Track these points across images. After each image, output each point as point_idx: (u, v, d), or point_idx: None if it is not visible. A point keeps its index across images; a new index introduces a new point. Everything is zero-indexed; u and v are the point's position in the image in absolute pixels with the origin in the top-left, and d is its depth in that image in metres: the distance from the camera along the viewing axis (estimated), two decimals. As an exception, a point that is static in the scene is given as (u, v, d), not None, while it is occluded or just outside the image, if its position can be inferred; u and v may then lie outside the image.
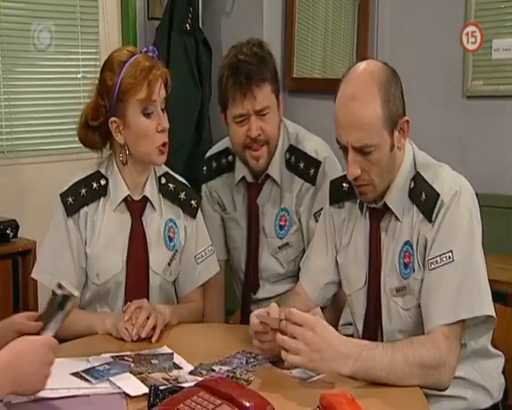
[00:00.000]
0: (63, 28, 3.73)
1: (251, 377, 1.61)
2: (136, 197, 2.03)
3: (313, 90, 3.62)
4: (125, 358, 1.71)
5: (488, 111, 3.20)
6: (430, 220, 1.69)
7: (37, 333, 1.48)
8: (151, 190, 2.05)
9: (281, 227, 2.25)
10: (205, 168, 2.38)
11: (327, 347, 1.55)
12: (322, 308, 2.06)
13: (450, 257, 1.64)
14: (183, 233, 2.09)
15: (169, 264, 2.06)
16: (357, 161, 1.69)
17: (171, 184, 2.09)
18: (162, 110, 1.97)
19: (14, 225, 3.16)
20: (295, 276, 2.18)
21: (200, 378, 1.56)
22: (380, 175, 1.72)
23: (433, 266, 1.67)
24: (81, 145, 2.07)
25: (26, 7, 3.61)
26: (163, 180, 2.08)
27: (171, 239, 2.06)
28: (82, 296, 2.02)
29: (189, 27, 3.72)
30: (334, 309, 2.14)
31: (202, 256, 2.13)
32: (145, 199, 2.04)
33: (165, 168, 2.11)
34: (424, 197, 1.71)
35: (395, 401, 1.52)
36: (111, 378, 1.59)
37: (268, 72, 2.12)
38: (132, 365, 1.67)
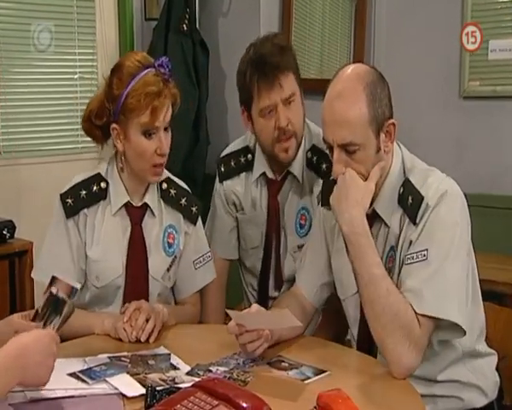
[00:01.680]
0: (60, 29, 3.73)
1: (248, 378, 1.61)
2: (137, 203, 2.02)
3: (310, 90, 3.61)
4: (122, 358, 1.71)
5: (485, 111, 3.20)
6: (414, 223, 1.70)
7: None
8: (152, 197, 2.03)
9: (301, 226, 2.25)
10: (222, 167, 2.36)
11: (358, 193, 1.66)
12: (327, 318, 2.07)
13: (424, 255, 1.65)
14: (183, 239, 2.09)
15: (168, 270, 2.05)
16: (343, 160, 1.71)
17: (172, 190, 2.08)
18: (166, 129, 1.94)
19: (11, 226, 3.16)
20: None
21: (197, 379, 1.56)
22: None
23: (408, 262, 1.68)
24: (79, 146, 2.06)
25: (23, 7, 3.60)
26: (164, 186, 2.07)
27: (170, 245, 2.05)
28: (81, 298, 2.01)
29: (186, 28, 3.72)
30: (338, 322, 2.13)
31: (200, 262, 2.13)
32: (145, 205, 2.02)
33: (166, 173, 2.09)
34: (410, 201, 1.72)
35: (391, 401, 1.53)
36: (108, 379, 1.59)
37: (291, 61, 2.15)
38: (129, 365, 1.67)
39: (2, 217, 3.20)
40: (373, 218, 1.78)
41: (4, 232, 3.12)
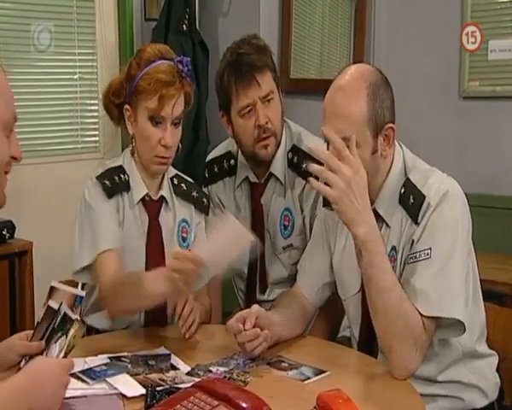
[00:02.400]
0: (60, 29, 3.73)
1: (248, 378, 1.61)
2: (154, 196, 2.03)
3: (310, 90, 3.62)
4: (122, 359, 1.71)
5: (485, 112, 3.20)
6: (416, 222, 1.70)
7: (41, 353, 1.49)
8: (167, 190, 2.06)
9: (285, 227, 2.26)
10: (207, 172, 2.38)
11: (362, 200, 1.59)
12: (322, 310, 2.07)
13: (427, 254, 1.65)
14: (195, 230, 2.09)
15: None
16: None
17: (183, 185, 2.11)
18: (175, 124, 1.96)
19: (11, 226, 3.16)
20: None
21: (197, 379, 1.56)
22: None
23: (411, 261, 1.68)
24: (79, 146, 2.05)
25: (23, 7, 3.60)
26: (175, 181, 2.10)
27: (184, 239, 2.06)
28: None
29: (185, 28, 3.72)
30: (334, 314, 2.14)
31: None
32: (161, 199, 2.04)
33: (174, 170, 2.12)
34: (412, 201, 1.72)
35: (391, 401, 1.53)
36: (108, 379, 1.59)
37: (268, 59, 2.17)
38: (129, 365, 1.67)
39: (2, 217, 3.19)
40: (375, 218, 1.78)
41: (4, 232, 3.12)
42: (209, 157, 2.42)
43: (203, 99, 3.74)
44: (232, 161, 2.34)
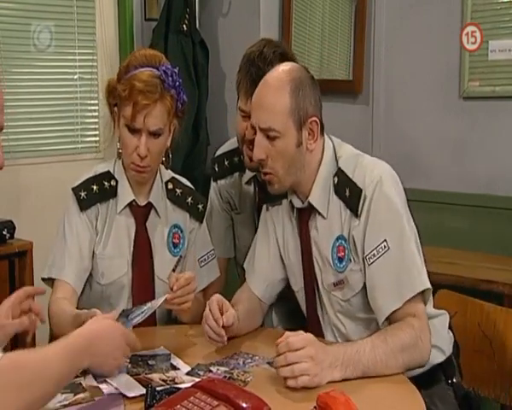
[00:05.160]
0: (60, 29, 3.73)
1: (248, 378, 1.61)
2: (141, 202, 2.02)
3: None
4: (122, 359, 1.71)
5: (485, 112, 3.21)
6: (356, 215, 1.74)
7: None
8: (156, 196, 2.03)
9: None
10: (216, 166, 2.36)
11: (325, 355, 1.58)
12: None
13: (385, 246, 1.71)
14: (188, 237, 2.08)
15: (173, 270, 2.02)
16: (264, 146, 1.77)
17: (178, 190, 2.08)
18: (155, 135, 1.90)
19: (11, 226, 3.16)
20: None
21: (197, 379, 1.56)
22: (284, 168, 1.78)
23: (371, 261, 1.72)
24: (79, 146, 2.05)
25: (23, 7, 3.60)
26: (170, 185, 2.07)
27: (175, 245, 2.05)
28: (85, 297, 2.01)
29: (186, 28, 3.72)
30: None
31: (205, 260, 2.13)
32: (150, 204, 2.02)
33: (171, 174, 2.10)
34: (348, 193, 1.77)
35: (391, 401, 1.53)
36: (108, 379, 1.58)
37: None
38: (129, 365, 1.67)
39: (2, 217, 3.20)
40: (310, 211, 1.83)
41: (4, 233, 3.12)
42: (219, 152, 2.40)
43: (203, 99, 3.74)
44: (243, 156, 2.32)
